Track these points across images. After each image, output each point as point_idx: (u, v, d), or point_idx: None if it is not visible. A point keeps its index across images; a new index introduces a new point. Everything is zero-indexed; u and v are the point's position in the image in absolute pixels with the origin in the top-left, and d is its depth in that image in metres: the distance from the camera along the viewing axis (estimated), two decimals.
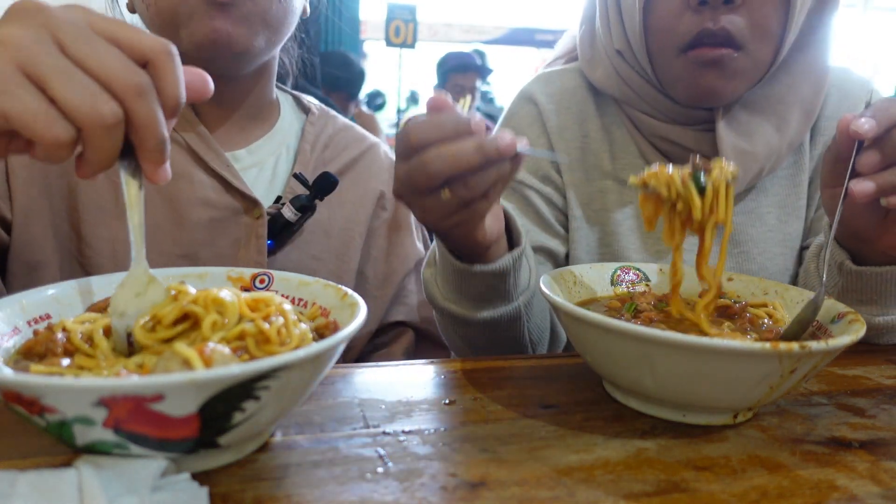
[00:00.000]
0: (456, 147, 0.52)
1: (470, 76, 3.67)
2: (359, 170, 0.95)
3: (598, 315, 0.49)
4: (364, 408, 0.52)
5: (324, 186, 0.84)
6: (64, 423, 0.36)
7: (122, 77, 0.40)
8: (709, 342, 0.45)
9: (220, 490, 0.40)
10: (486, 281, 0.67)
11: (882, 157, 0.57)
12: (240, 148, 0.86)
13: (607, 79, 0.90)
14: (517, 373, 0.61)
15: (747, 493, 0.43)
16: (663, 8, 0.78)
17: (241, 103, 0.87)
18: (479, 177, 0.53)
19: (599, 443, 0.49)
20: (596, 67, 0.91)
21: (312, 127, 0.93)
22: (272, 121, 0.91)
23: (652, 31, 0.80)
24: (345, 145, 0.95)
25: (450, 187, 0.54)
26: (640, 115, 0.89)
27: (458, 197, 0.54)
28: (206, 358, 0.38)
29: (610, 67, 0.89)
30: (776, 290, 0.64)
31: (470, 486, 0.42)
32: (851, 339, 0.48)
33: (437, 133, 0.53)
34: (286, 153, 0.90)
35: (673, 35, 0.77)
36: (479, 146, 0.52)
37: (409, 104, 4.94)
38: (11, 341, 0.44)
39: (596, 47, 0.92)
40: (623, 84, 0.88)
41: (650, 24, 0.80)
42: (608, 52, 0.88)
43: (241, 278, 0.56)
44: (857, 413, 0.56)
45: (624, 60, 0.86)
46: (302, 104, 0.96)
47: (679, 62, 0.78)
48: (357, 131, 1.00)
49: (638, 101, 0.88)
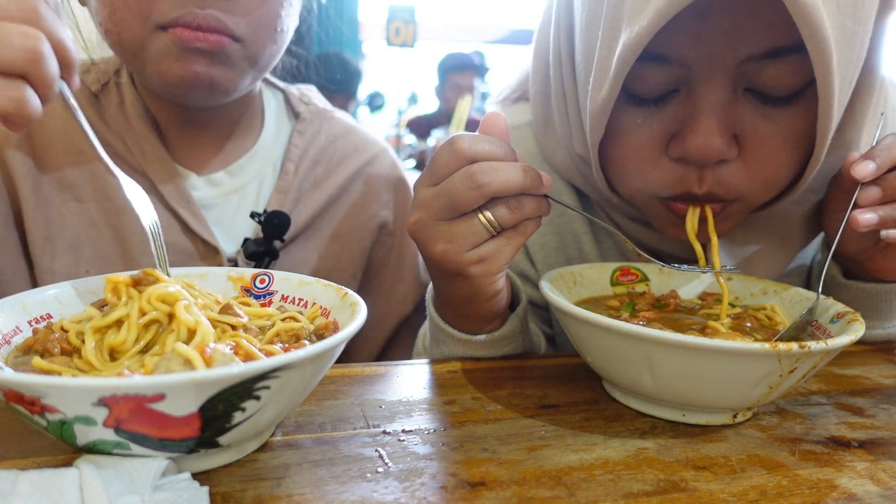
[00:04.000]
0: (503, 165, 0.51)
1: (468, 75, 3.70)
2: (357, 191, 0.81)
3: (598, 315, 0.50)
4: (364, 408, 0.52)
5: (273, 229, 0.71)
6: (65, 422, 0.36)
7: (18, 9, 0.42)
8: (708, 342, 0.45)
9: (220, 490, 0.40)
10: (496, 344, 0.63)
11: (883, 194, 0.58)
12: (217, 170, 0.75)
13: (569, 172, 0.74)
14: (517, 373, 0.61)
15: (746, 492, 0.43)
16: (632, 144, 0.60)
17: (217, 123, 0.75)
18: (520, 201, 0.53)
19: (599, 442, 0.49)
20: (554, 149, 0.74)
21: (301, 137, 0.79)
22: (255, 132, 0.78)
23: (617, 165, 0.63)
24: (341, 158, 0.81)
25: (490, 208, 0.52)
26: (615, 213, 0.74)
27: (496, 219, 0.52)
28: (208, 358, 0.39)
29: (570, 163, 0.73)
30: (775, 289, 0.65)
31: (470, 486, 0.42)
32: (851, 339, 0.48)
33: (490, 148, 0.52)
34: (271, 172, 0.77)
35: (646, 181, 0.61)
36: (526, 168, 0.52)
37: (409, 105, 4.94)
38: (13, 341, 0.44)
39: (550, 121, 0.74)
40: (589, 186, 0.73)
41: (613, 153, 0.62)
42: (567, 148, 0.72)
43: (241, 278, 0.56)
44: (857, 413, 0.56)
45: (588, 166, 0.68)
46: (292, 105, 0.83)
47: (656, 204, 0.63)
48: (358, 137, 0.85)
49: (608, 205, 0.74)
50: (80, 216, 0.70)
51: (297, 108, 0.82)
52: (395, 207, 0.86)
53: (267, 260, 0.71)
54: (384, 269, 0.84)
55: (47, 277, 0.68)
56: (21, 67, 0.41)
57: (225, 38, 0.62)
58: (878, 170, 0.57)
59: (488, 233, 0.53)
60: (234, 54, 0.64)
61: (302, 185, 0.78)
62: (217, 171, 0.75)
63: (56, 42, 0.44)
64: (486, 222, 0.52)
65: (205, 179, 0.74)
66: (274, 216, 0.71)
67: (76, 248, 0.69)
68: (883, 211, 0.58)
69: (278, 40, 0.68)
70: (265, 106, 0.81)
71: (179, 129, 0.74)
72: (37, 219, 0.68)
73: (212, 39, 0.61)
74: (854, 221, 0.58)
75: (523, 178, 0.52)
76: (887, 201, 0.59)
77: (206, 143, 0.75)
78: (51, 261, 0.68)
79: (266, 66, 0.69)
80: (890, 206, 0.59)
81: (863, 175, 0.57)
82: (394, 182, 0.85)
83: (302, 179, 0.78)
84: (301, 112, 0.82)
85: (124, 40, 0.63)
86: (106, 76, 0.75)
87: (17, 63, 0.41)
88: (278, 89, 0.84)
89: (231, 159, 0.76)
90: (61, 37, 0.44)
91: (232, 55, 0.63)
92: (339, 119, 0.86)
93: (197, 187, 0.74)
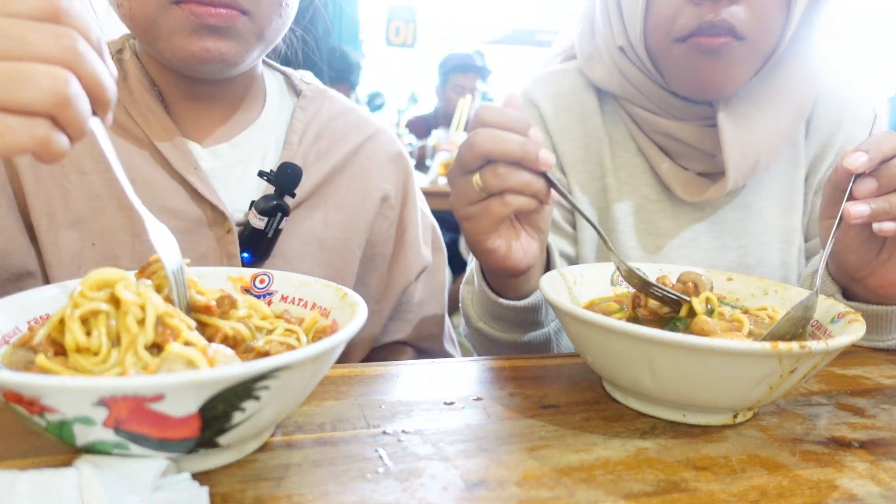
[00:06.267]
0: (504, 133, 0.57)
1: (470, 76, 3.70)
2: (359, 164, 0.83)
3: (598, 315, 0.49)
4: (364, 408, 0.52)
5: (286, 181, 0.72)
6: (64, 423, 0.36)
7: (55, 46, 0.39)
8: (709, 342, 0.45)
9: (220, 490, 0.40)
10: (518, 313, 0.70)
11: (878, 185, 0.60)
12: (221, 142, 0.76)
13: (607, 76, 0.89)
14: (517, 373, 0.61)
15: (747, 492, 0.43)
16: (664, 1, 0.77)
17: (221, 96, 0.77)
18: (509, 170, 0.57)
19: (599, 443, 0.49)
20: (595, 65, 0.91)
21: (303, 112, 0.81)
22: (258, 107, 0.80)
23: (652, 24, 0.80)
24: (343, 133, 0.83)
25: (482, 171, 0.58)
26: (640, 111, 0.88)
27: (483, 182, 0.58)
28: (210, 359, 0.39)
29: (611, 64, 0.88)
30: (776, 289, 0.65)
31: (470, 486, 0.42)
32: (851, 339, 0.48)
33: (497, 118, 0.58)
34: (274, 146, 0.79)
35: (673, 26, 0.76)
36: (523, 142, 0.57)
37: (409, 104, 4.94)
38: (11, 341, 0.44)
39: (596, 44, 0.91)
40: (624, 80, 0.88)
41: (650, 17, 0.79)
42: (609, 49, 0.88)
43: (241, 278, 0.56)
44: (857, 413, 0.56)
45: (625, 56, 0.86)
46: (293, 84, 0.85)
47: (678, 51, 0.77)
48: (358, 115, 0.87)
49: (638, 97, 0.88)
50: (82, 189, 0.69)
51: (298, 86, 0.84)
52: (395, 181, 0.86)
53: (279, 215, 0.72)
54: (385, 242, 0.86)
55: (53, 253, 0.67)
56: (45, 110, 0.39)
57: (234, 13, 0.63)
58: (871, 161, 0.60)
59: (476, 193, 0.59)
60: (243, 28, 0.65)
61: (306, 156, 0.79)
62: (221, 142, 0.76)
63: (90, 80, 0.41)
64: (474, 181, 0.59)
65: (209, 151, 0.75)
66: (286, 166, 0.73)
67: (81, 221, 0.68)
68: (875, 203, 0.59)
69: (283, 14, 0.69)
70: (267, 84, 0.83)
71: (185, 101, 0.75)
72: (38, 195, 0.68)
73: (223, 14, 0.63)
74: (846, 214, 0.60)
75: (518, 149, 0.57)
76: (882, 194, 0.60)
77: (211, 116, 0.76)
78: (55, 236, 0.68)
79: (272, 39, 0.71)
80: (883, 199, 0.60)
81: (855, 166, 0.60)
82: (394, 156, 0.87)
83: (306, 151, 0.79)
84: (303, 90, 0.84)
85: (136, 16, 0.64)
86: None
87: (40, 105, 0.39)
88: (279, 71, 0.86)
89: (235, 132, 0.77)
90: (97, 74, 0.42)
91: (241, 29, 0.65)
92: (338, 98, 0.88)
93: (201, 158, 0.74)
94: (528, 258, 0.65)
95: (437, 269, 0.91)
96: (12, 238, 0.67)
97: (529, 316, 0.72)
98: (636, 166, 0.91)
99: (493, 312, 0.72)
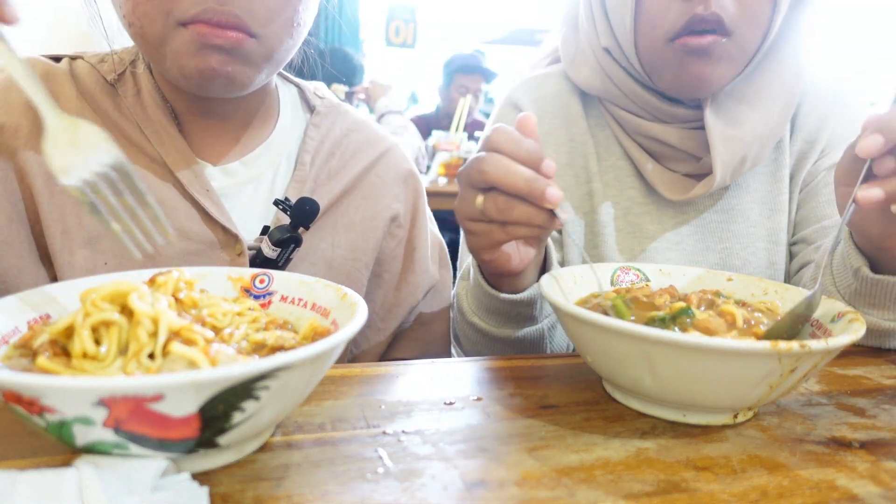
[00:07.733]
0: (514, 165, 0.56)
1: (475, 78, 3.69)
2: (370, 183, 0.82)
3: (598, 315, 0.49)
4: (364, 408, 0.52)
5: (303, 216, 0.72)
6: (64, 423, 0.36)
7: None
8: (709, 342, 0.45)
9: (220, 490, 0.40)
10: (514, 307, 0.71)
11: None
12: (233, 160, 0.76)
13: (592, 78, 0.89)
14: (517, 373, 0.61)
15: (747, 492, 0.43)
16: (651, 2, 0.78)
17: (234, 114, 0.76)
18: (512, 204, 0.57)
19: (599, 443, 0.49)
20: (580, 67, 0.91)
21: (316, 130, 0.81)
22: (271, 123, 0.80)
23: (641, 23, 0.80)
24: (355, 150, 0.83)
25: (487, 195, 0.58)
26: (624, 114, 0.89)
27: (485, 209, 0.58)
28: (212, 359, 0.39)
29: (595, 66, 0.89)
30: (776, 289, 0.64)
31: (469, 487, 0.42)
32: (851, 338, 0.48)
33: (510, 147, 0.57)
34: (286, 163, 0.79)
35: (662, 23, 0.77)
36: (532, 179, 0.56)
37: (409, 104, 4.94)
38: (11, 341, 0.44)
39: (580, 46, 0.91)
40: (608, 82, 0.88)
41: (640, 16, 0.80)
42: (594, 50, 0.88)
43: (241, 278, 0.56)
44: (858, 413, 0.56)
45: (611, 57, 0.86)
46: (306, 99, 0.84)
47: (667, 51, 0.78)
48: (371, 131, 0.86)
49: (623, 99, 0.88)
50: None
51: (311, 101, 0.84)
52: (405, 200, 0.86)
53: (292, 247, 0.72)
54: (394, 260, 0.85)
55: (67, 272, 0.67)
56: None
57: (242, 35, 0.63)
58: (886, 145, 0.56)
59: (479, 213, 0.59)
60: (251, 50, 0.65)
61: (318, 176, 0.79)
62: (233, 161, 0.76)
63: None
64: (478, 202, 0.59)
65: (220, 169, 0.75)
66: (304, 202, 0.72)
67: (94, 239, 0.68)
68: (890, 186, 0.56)
69: (294, 35, 0.69)
70: (280, 99, 0.82)
71: (197, 119, 0.74)
72: (53, 213, 0.67)
73: (230, 36, 0.62)
74: (858, 200, 0.57)
75: (524, 185, 0.56)
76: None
77: (223, 134, 0.76)
78: (70, 255, 0.67)
79: (282, 60, 0.70)
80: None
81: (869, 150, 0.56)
82: (404, 175, 0.87)
83: (318, 171, 0.79)
84: (316, 105, 0.83)
85: (147, 34, 0.64)
86: (122, 65, 0.74)
87: None
88: (293, 84, 0.86)
89: (247, 150, 0.77)
90: None
91: (249, 51, 0.65)
92: (351, 114, 0.87)
93: (213, 177, 0.74)
94: (524, 263, 0.66)
95: (443, 285, 0.90)
96: (24, 255, 0.67)
97: (525, 310, 0.71)
98: (621, 170, 0.91)
99: (489, 307, 0.72)
